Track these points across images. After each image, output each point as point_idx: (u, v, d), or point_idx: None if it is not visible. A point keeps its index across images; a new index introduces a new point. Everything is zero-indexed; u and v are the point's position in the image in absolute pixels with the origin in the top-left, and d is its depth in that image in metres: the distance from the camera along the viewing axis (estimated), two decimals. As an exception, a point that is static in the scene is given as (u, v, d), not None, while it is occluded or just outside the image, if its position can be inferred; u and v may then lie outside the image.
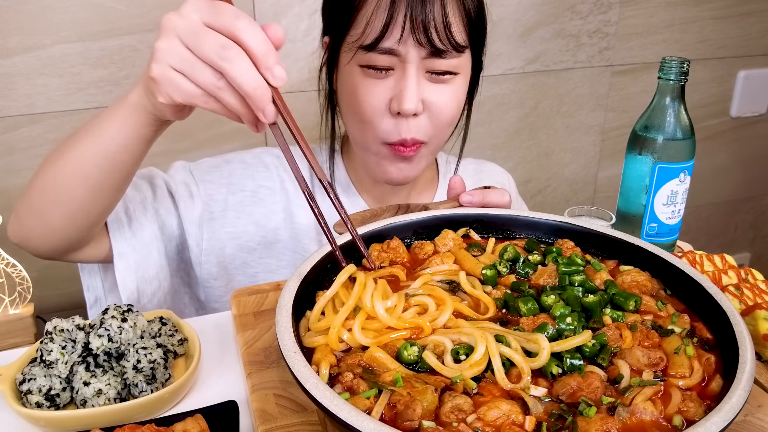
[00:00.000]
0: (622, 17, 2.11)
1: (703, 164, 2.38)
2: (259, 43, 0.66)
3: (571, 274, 0.80)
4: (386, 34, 0.97)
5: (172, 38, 0.68)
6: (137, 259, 1.04)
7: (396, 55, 0.99)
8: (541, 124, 2.18)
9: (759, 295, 0.89)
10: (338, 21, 1.03)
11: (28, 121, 1.62)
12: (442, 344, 0.67)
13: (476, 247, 0.89)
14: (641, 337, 0.69)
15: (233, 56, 0.65)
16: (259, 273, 1.20)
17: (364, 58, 1.00)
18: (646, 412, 0.59)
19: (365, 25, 0.98)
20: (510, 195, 1.03)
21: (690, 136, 1.04)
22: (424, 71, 1.01)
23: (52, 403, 0.76)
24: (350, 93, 1.05)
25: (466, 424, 0.58)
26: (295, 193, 1.20)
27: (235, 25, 0.66)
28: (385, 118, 1.03)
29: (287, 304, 0.69)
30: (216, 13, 0.67)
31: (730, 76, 2.35)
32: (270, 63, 0.66)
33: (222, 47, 0.65)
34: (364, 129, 1.06)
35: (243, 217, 1.17)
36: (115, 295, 1.09)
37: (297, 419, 0.70)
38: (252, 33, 0.66)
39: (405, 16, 0.96)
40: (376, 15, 0.97)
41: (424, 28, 0.96)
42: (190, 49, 0.67)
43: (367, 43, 0.98)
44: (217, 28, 0.67)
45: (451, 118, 1.07)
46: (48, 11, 1.55)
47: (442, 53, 0.99)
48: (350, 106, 1.06)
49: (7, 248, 1.45)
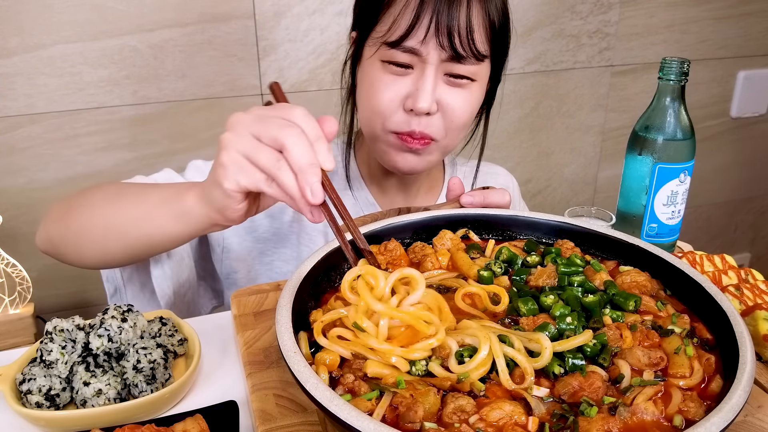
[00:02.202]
0: (622, 17, 2.11)
1: (703, 164, 2.38)
2: (312, 129, 0.73)
3: (571, 274, 0.80)
4: (411, 34, 1.00)
5: (239, 128, 0.75)
6: (172, 266, 1.07)
7: (417, 54, 1.02)
8: (541, 124, 2.18)
9: (759, 296, 0.89)
10: (367, 16, 1.06)
11: (28, 121, 1.62)
12: (448, 347, 0.66)
13: (475, 248, 0.89)
14: (641, 337, 0.69)
15: (295, 133, 0.71)
16: (275, 261, 1.23)
17: (386, 53, 1.03)
18: (647, 412, 0.59)
19: (392, 22, 1.01)
20: (510, 195, 1.03)
21: (690, 136, 1.04)
22: (442, 73, 1.04)
23: (52, 403, 0.76)
24: (369, 85, 1.08)
25: (468, 425, 0.58)
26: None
27: (293, 113, 0.73)
28: (399, 111, 1.06)
29: (287, 304, 0.69)
30: (275, 106, 0.77)
31: (731, 77, 2.35)
32: (321, 148, 0.72)
33: (284, 126, 0.72)
34: (376, 117, 1.09)
35: (268, 212, 1.21)
36: (133, 284, 1.12)
37: (297, 419, 0.70)
38: (307, 120, 0.73)
39: (431, 19, 0.99)
40: (403, 14, 1.00)
41: (447, 32, 0.99)
42: (255, 135, 0.74)
43: (392, 40, 1.01)
44: (278, 116, 0.74)
45: (462, 122, 1.10)
46: (48, 11, 1.55)
47: (461, 58, 1.02)
48: (367, 97, 1.09)
49: (7, 248, 1.45)
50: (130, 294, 1.11)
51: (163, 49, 1.67)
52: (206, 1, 1.66)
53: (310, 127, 0.73)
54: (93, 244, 0.95)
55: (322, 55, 1.83)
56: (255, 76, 1.77)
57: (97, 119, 1.68)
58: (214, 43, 1.70)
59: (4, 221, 1.52)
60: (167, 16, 1.64)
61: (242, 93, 1.78)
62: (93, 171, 1.71)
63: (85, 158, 1.70)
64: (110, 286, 1.13)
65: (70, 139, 1.67)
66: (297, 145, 0.71)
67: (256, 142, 0.73)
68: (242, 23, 1.71)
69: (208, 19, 1.68)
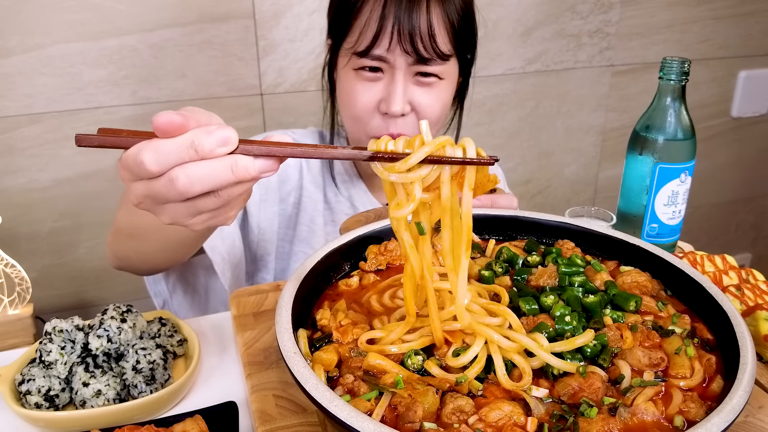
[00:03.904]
0: (623, 17, 2.11)
1: (703, 165, 2.38)
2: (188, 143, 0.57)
3: (572, 274, 0.80)
4: (376, 43, 1.07)
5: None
6: (227, 249, 1.12)
7: (385, 61, 1.09)
8: (542, 124, 2.18)
9: (760, 296, 0.88)
10: (338, 27, 1.13)
11: (28, 121, 1.62)
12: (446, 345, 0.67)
13: (476, 248, 0.89)
14: (642, 338, 0.69)
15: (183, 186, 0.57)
16: (295, 239, 1.30)
17: (357, 62, 1.10)
18: (648, 413, 0.59)
19: (359, 33, 1.08)
20: (517, 201, 1.07)
21: (691, 136, 1.04)
22: (412, 75, 1.11)
23: (51, 404, 0.75)
24: (346, 93, 1.15)
25: (467, 426, 0.58)
26: (307, 170, 1.29)
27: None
28: (375, 116, 1.14)
29: (287, 304, 0.69)
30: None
31: (731, 77, 2.34)
32: (206, 146, 0.56)
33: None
34: (357, 124, 1.17)
35: (280, 196, 1.27)
36: (177, 294, 1.18)
37: (297, 420, 0.70)
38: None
39: (393, 27, 1.05)
40: (369, 25, 1.07)
41: (410, 37, 1.05)
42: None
43: (360, 50, 1.08)
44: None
45: (436, 118, 1.16)
46: (48, 11, 1.55)
47: (427, 61, 1.08)
48: (346, 104, 1.17)
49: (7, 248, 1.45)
50: (176, 303, 1.18)
51: (162, 49, 1.66)
52: (206, 1, 1.66)
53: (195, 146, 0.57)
54: (152, 245, 0.94)
55: (322, 55, 1.80)
56: (255, 76, 1.77)
57: (96, 119, 1.68)
58: (213, 43, 1.70)
59: (4, 221, 1.51)
60: (167, 16, 1.64)
61: (242, 93, 1.78)
62: (93, 171, 1.71)
63: (85, 158, 1.70)
64: (159, 300, 1.19)
65: (70, 139, 1.67)
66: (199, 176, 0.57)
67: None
68: (242, 23, 1.71)
69: (208, 19, 1.68)
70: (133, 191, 0.60)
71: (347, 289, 0.81)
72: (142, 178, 0.58)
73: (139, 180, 0.58)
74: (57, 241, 1.73)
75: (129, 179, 0.60)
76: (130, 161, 0.57)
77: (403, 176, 0.61)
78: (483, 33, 1.19)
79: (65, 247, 1.74)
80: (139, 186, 0.59)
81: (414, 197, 0.62)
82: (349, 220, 0.99)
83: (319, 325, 0.73)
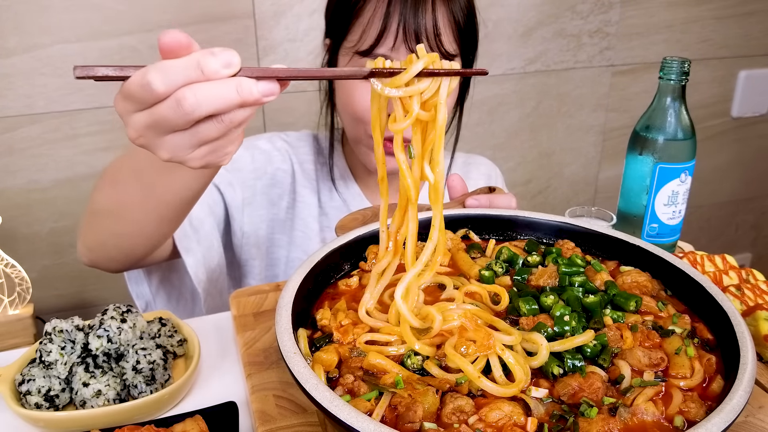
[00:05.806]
0: (623, 17, 2.11)
1: (704, 164, 2.37)
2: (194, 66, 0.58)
3: (572, 274, 0.80)
4: (380, 42, 1.04)
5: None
6: (203, 252, 1.10)
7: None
8: (542, 124, 2.18)
9: (760, 296, 0.88)
10: (338, 26, 1.11)
11: (28, 121, 1.62)
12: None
13: (476, 248, 0.89)
14: (642, 338, 0.69)
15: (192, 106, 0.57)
16: (291, 245, 1.29)
17: (359, 62, 1.08)
18: (648, 413, 0.59)
19: (362, 32, 1.06)
20: (516, 200, 1.05)
21: (691, 136, 1.04)
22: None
23: (52, 404, 0.75)
24: (347, 93, 1.13)
25: (467, 426, 0.58)
26: (301, 173, 1.29)
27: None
28: None
29: (287, 304, 0.69)
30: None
31: (731, 77, 2.34)
32: (212, 66, 0.58)
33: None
34: (357, 124, 1.14)
35: (269, 199, 1.26)
36: (161, 296, 1.15)
37: (297, 420, 0.70)
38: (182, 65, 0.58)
39: (398, 25, 1.03)
40: (372, 23, 1.04)
41: (415, 36, 1.03)
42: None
43: (363, 49, 1.06)
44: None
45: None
46: (48, 11, 1.55)
47: None
48: (346, 105, 1.14)
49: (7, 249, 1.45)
50: (160, 305, 1.15)
51: (162, 49, 1.67)
52: (206, 1, 1.66)
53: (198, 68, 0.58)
54: (130, 225, 0.90)
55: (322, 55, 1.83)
56: (255, 76, 1.77)
57: (96, 119, 1.68)
58: (214, 43, 1.68)
59: (4, 222, 1.51)
60: (167, 16, 1.64)
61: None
62: (92, 171, 1.71)
63: (85, 158, 1.70)
64: (141, 302, 1.16)
65: (70, 140, 1.67)
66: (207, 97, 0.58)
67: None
68: (242, 23, 1.71)
69: (208, 19, 1.68)
70: (133, 125, 0.60)
71: (347, 289, 0.81)
72: (146, 103, 0.58)
73: (141, 110, 0.58)
74: (57, 241, 1.73)
75: (130, 110, 0.59)
76: (134, 86, 0.57)
77: (403, 90, 0.64)
78: (483, 33, 1.19)
79: (65, 248, 1.74)
80: (141, 116, 0.59)
81: (412, 112, 0.64)
82: (345, 218, 0.99)
83: (319, 325, 0.73)
